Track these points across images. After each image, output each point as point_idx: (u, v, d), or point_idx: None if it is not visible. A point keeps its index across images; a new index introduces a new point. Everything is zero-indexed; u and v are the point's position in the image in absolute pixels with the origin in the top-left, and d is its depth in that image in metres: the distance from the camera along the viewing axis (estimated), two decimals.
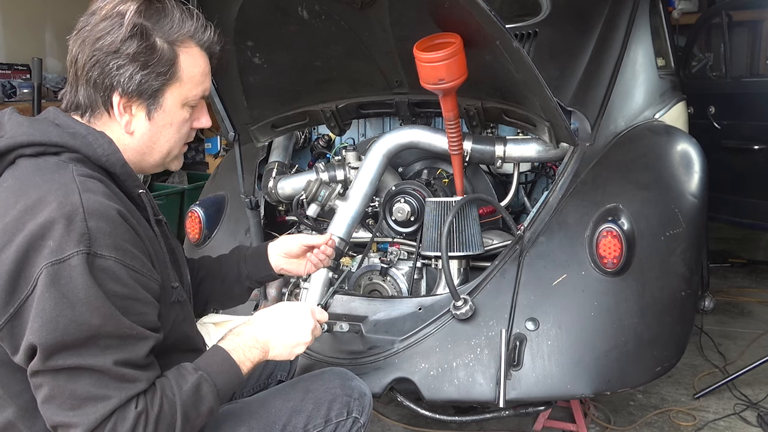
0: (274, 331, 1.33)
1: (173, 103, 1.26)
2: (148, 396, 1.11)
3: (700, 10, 4.98)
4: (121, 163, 1.22)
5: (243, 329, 1.31)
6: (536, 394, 1.89)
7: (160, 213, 1.34)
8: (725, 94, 4.00)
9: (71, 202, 1.08)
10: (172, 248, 1.36)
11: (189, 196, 4.61)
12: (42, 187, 1.11)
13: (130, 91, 1.21)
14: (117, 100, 1.22)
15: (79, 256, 1.05)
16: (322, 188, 2.27)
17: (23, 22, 4.98)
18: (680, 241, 2.11)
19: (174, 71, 1.23)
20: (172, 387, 1.15)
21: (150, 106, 1.24)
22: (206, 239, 2.52)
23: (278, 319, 1.35)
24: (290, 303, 1.45)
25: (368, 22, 1.97)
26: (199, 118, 1.33)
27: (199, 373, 1.19)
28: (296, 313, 1.37)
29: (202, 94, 1.30)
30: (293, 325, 1.35)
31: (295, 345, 1.35)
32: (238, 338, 1.29)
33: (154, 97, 1.23)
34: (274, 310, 1.37)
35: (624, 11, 2.65)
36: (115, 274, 1.09)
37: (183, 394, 1.15)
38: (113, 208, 1.12)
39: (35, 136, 1.18)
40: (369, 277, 2.35)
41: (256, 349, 1.29)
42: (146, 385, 1.12)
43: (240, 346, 1.27)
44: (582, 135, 2.23)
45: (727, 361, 3.10)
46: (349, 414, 1.38)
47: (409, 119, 2.46)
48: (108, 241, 1.09)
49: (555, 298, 1.96)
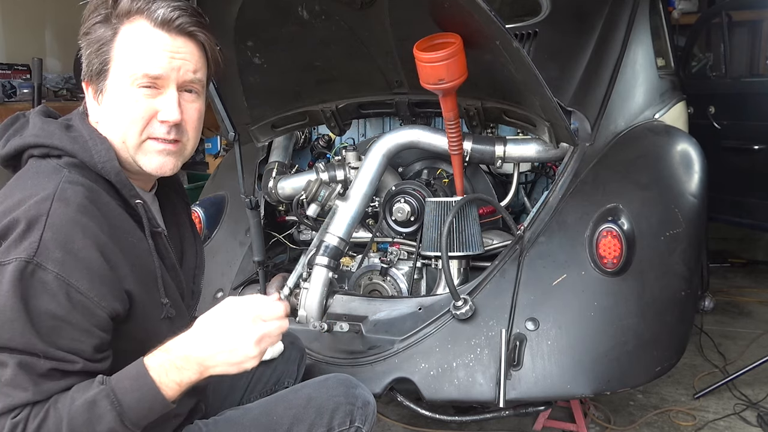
0: (211, 346, 1.12)
1: (114, 81, 1.19)
2: (36, 408, 1.04)
3: (700, 10, 4.98)
4: (116, 171, 1.18)
5: (174, 344, 1.13)
6: (536, 394, 1.89)
7: (159, 225, 1.27)
8: (725, 94, 4.00)
9: (39, 208, 1.07)
10: (173, 262, 1.30)
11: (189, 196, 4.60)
12: (28, 190, 1.11)
13: (86, 74, 1.20)
14: (85, 86, 1.22)
15: (16, 263, 1.03)
16: (322, 188, 2.27)
17: (23, 22, 4.98)
18: (680, 241, 2.11)
19: (110, 47, 1.18)
20: (65, 401, 1.05)
21: (98, 87, 1.20)
22: (206, 239, 2.52)
23: (216, 330, 1.13)
24: (234, 304, 1.16)
25: (368, 22, 1.97)
26: (163, 109, 1.20)
27: (101, 388, 1.06)
28: (238, 321, 1.13)
29: (144, 71, 1.17)
30: (234, 336, 1.12)
31: (241, 361, 1.13)
32: (166, 355, 1.11)
33: (99, 77, 1.20)
34: (213, 316, 1.15)
35: (624, 11, 2.65)
36: (52, 291, 1.04)
37: (73, 409, 1.04)
38: (79, 222, 1.08)
39: (41, 138, 1.19)
40: (369, 277, 2.35)
41: (187, 370, 1.11)
42: (35, 396, 1.04)
43: (164, 364, 1.10)
44: (582, 135, 2.23)
45: (727, 361, 3.09)
46: (352, 423, 1.34)
47: (409, 119, 2.46)
48: (57, 255, 1.05)
49: (555, 298, 1.96)
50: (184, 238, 1.45)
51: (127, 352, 1.15)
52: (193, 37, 1.22)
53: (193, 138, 1.28)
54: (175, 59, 1.20)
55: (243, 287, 2.37)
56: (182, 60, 1.21)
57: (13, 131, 1.25)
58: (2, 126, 1.27)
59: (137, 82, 1.18)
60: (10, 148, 1.22)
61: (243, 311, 1.15)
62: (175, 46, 1.20)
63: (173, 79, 1.21)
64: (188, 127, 1.26)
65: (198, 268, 1.46)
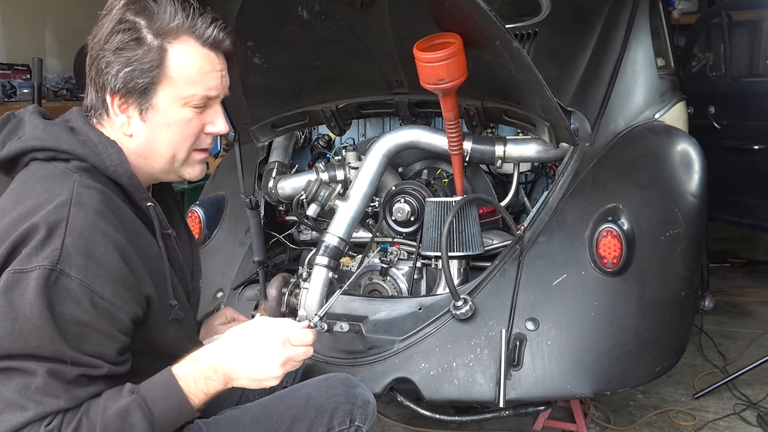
0: (238, 360, 1.17)
1: (167, 102, 1.20)
2: (68, 415, 1.05)
3: (700, 10, 4.99)
4: (128, 175, 1.19)
5: (202, 354, 1.18)
6: (536, 394, 1.89)
7: (169, 227, 1.28)
8: (725, 94, 4.00)
9: (59, 214, 1.07)
10: (180, 264, 1.31)
11: (189, 196, 4.60)
12: (41, 196, 1.11)
13: (117, 89, 1.18)
14: (110, 99, 1.20)
15: (40, 270, 1.03)
16: (322, 188, 2.27)
17: (23, 22, 4.98)
18: (680, 241, 2.11)
19: (161, 67, 1.18)
20: (97, 409, 1.06)
21: (141, 106, 1.20)
22: (206, 239, 2.52)
23: (246, 345, 1.19)
24: (266, 324, 1.23)
25: (368, 22, 1.97)
26: (213, 122, 1.25)
27: (132, 397, 1.08)
28: (268, 341, 1.20)
29: (203, 93, 1.22)
30: (262, 355, 1.18)
31: (264, 379, 1.20)
32: (194, 365, 1.16)
33: (144, 95, 1.19)
34: (244, 332, 1.21)
35: (624, 11, 2.65)
36: (77, 297, 1.05)
37: (106, 418, 1.06)
38: (99, 227, 1.09)
39: (47, 142, 1.18)
40: (369, 277, 2.35)
41: (213, 380, 1.16)
42: (67, 403, 1.05)
43: (193, 374, 1.15)
44: (582, 135, 2.23)
45: (727, 361, 3.10)
46: (352, 422, 1.33)
47: (409, 119, 2.46)
48: (80, 261, 1.05)
49: (555, 298, 1.96)
50: (180, 237, 1.45)
51: (137, 353, 1.16)
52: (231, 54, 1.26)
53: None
54: (224, 77, 1.25)
55: (243, 287, 2.37)
56: (226, 77, 1.26)
57: (7, 132, 1.23)
58: None
59: (193, 103, 1.21)
60: (10, 151, 1.20)
61: (274, 333, 1.21)
62: (221, 64, 1.24)
63: (221, 96, 1.26)
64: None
65: (195, 267, 1.46)
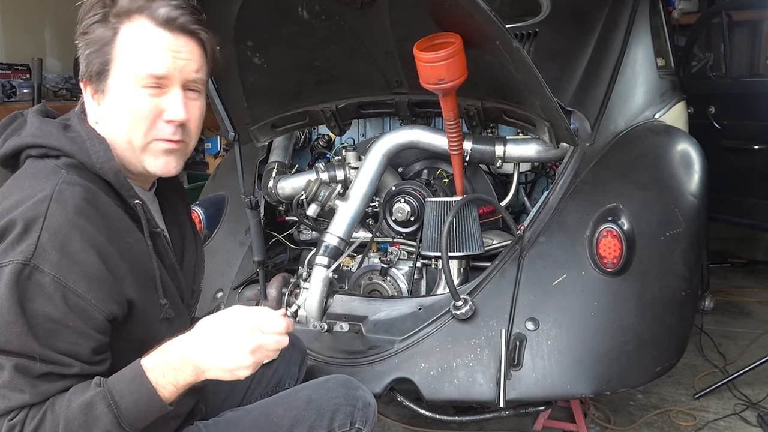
0: (208, 350, 1.12)
1: (117, 82, 1.18)
2: (33, 410, 1.04)
3: (700, 10, 4.98)
4: (114, 172, 1.17)
5: (172, 345, 1.13)
6: (536, 394, 1.89)
7: (158, 225, 1.26)
8: (725, 94, 4.00)
9: (37, 210, 1.07)
10: (172, 262, 1.29)
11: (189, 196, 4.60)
12: (25, 191, 1.11)
13: (84, 74, 1.19)
14: (83, 87, 1.21)
15: (14, 265, 1.03)
16: (322, 188, 2.27)
17: (23, 22, 4.97)
18: (680, 241, 2.11)
19: (110, 47, 1.17)
20: (62, 403, 1.05)
21: (98, 88, 1.19)
22: (206, 239, 2.52)
23: (216, 334, 1.13)
24: (236, 312, 1.16)
25: (368, 22, 1.97)
26: (169, 108, 1.20)
27: (98, 390, 1.06)
28: (235, 329, 1.13)
29: (148, 71, 1.17)
30: (229, 343, 1.12)
31: (234, 368, 1.13)
32: (163, 356, 1.12)
33: (99, 77, 1.19)
34: (214, 321, 1.15)
35: (624, 11, 2.65)
36: (49, 293, 1.04)
37: (70, 412, 1.04)
38: (77, 224, 1.08)
39: (39, 139, 1.19)
40: (369, 277, 2.35)
41: (183, 371, 1.11)
42: (32, 398, 1.04)
43: (161, 365, 1.11)
44: (582, 135, 2.23)
45: (727, 361, 3.09)
46: (353, 425, 1.34)
47: (409, 119, 2.46)
48: (54, 257, 1.04)
49: (555, 298, 1.96)
50: (184, 237, 1.45)
51: (126, 351, 1.15)
52: (195, 36, 1.22)
53: (195, 137, 1.28)
54: (179, 59, 1.20)
55: (243, 287, 2.37)
56: (185, 59, 1.21)
57: (10, 131, 1.24)
58: (0, 125, 1.27)
59: (141, 83, 1.17)
60: (8, 148, 1.21)
61: (243, 320, 1.15)
62: (178, 45, 1.20)
63: (177, 79, 1.20)
64: (191, 126, 1.26)
65: (198, 268, 1.46)
